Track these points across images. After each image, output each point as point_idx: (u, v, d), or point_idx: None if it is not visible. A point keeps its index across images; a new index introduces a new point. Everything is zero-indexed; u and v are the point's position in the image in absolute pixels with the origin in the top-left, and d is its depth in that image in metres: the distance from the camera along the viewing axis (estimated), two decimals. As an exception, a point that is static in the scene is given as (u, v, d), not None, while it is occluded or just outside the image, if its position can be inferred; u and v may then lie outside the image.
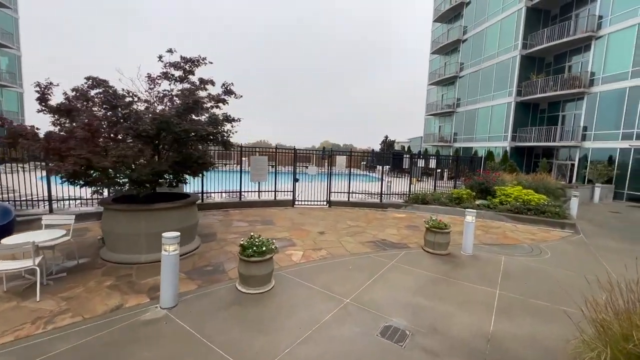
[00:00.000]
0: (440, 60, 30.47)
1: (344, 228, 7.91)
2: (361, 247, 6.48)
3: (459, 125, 26.81)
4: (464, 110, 26.07)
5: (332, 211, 9.99)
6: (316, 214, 9.41)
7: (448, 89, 29.16)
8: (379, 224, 8.50)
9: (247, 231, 7.22)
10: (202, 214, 8.60)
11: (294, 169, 10.37)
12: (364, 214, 9.81)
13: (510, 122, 20.84)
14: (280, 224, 8.01)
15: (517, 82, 20.38)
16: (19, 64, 25.85)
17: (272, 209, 9.79)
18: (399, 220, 9.16)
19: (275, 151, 10.03)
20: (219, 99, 6.24)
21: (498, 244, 7.26)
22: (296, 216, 9.04)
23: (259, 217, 8.64)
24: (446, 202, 10.46)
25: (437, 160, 11.30)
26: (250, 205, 9.80)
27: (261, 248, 4.28)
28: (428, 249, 6.37)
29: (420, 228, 8.24)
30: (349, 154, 10.51)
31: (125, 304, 3.87)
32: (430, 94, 32.34)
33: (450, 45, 27.98)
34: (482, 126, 23.69)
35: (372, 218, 9.25)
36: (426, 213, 10.18)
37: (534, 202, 9.61)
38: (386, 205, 10.62)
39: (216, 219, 8.30)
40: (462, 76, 26.34)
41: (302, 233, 7.28)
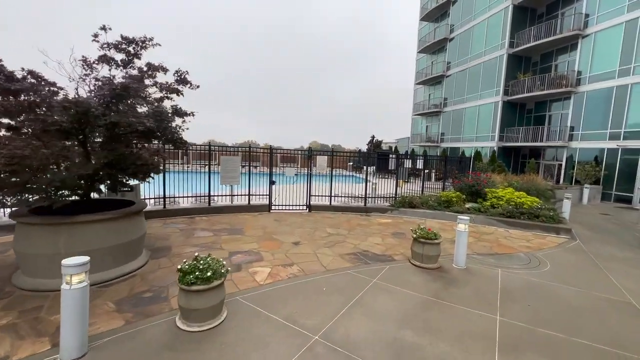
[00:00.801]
0: (427, 59, 30.11)
1: (323, 237, 7.04)
2: (340, 260, 5.62)
3: (446, 125, 26.43)
4: (451, 109, 25.71)
5: (311, 217, 9.10)
6: (293, 221, 8.51)
7: (435, 89, 28.80)
8: (361, 232, 7.67)
9: (210, 243, 6.25)
10: (161, 223, 7.56)
11: (269, 171, 9.43)
12: (347, 219, 8.97)
13: (497, 122, 20.51)
14: (250, 233, 7.06)
15: (504, 81, 20.07)
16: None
17: (245, 215, 8.83)
18: (384, 226, 8.37)
19: (249, 151, 9.08)
20: (171, 88, 5.26)
21: (492, 253, 6.54)
22: (270, 223, 8.11)
23: (227, 225, 7.67)
24: (435, 205, 9.74)
25: (425, 161, 10.62)
26: (220, 211, 8.80)
27: (206, 273, 3.35)
28: (416, 261, 5.58)
29: (407, 236, 7.45)
30: (330, 154, 9.67)
31: (13, 355, 2.86)
32: (417, 94, 31.96)
33: (437, 44, 27.62)
34: (469, 126, 23.34)
35: (354, 224, 8.42)
36: (414, 218, 9.43)
37: (526, 205, 9.00)
38: (371, 210, 9.83)
39: (177, 228, 7.27)
40: (449, 75, 25.98)
41: (273, 244, 6.37)
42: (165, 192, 8.17)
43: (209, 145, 8.55)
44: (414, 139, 31.61)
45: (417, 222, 8.92)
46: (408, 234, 7.64)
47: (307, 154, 9.59)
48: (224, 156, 8.82)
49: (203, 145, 8.42)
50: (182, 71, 5.21)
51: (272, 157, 9.38)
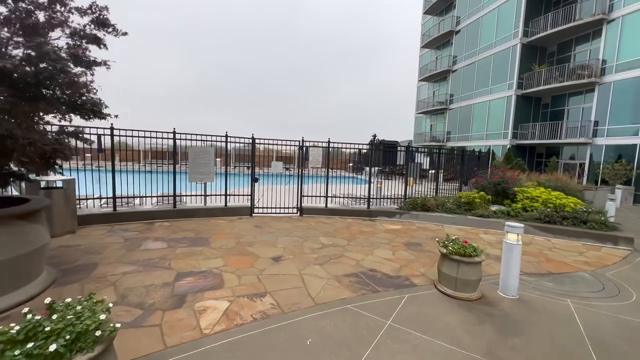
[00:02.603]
0: (431, 54, 28.56)
1: (314, 250, 5.30)
2: (336, 286, 3.88)
3: (452, 123, 24.77)
4: (458, 106, 24.06)
5: (302, 222, 7.36)
6: (279, 227, 6.77)
7: (440, 85, 27.20)
8: (365, 242, 5.93)
9: (156, 259, 4.51)
10: (105, 230, 5.82)
11: (252, 166, 7.71)
12: (346, 225, 7.23)
13: (510, 118, 18.84)
14: (218, 244, 5.32)
15: (518, 73, 18.43)
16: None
17: (219, 220, 7.08)
18: (393, 234, 6.62)
19: (225, 140, 7.37)
20: (84, 34, 3.55)
21: (544, 272, 4.80)
22: (249, 230, 6.37)
23: (191, 233, 5.92)
24: (453, 208, 8.00)
25: (438, 157, 8.91)
26: (188, 215, 7.06)
27: (46, 347, 1.61)
28: (446, 288, 3.84)
29: (426, 247, 5.71)
30: (326, 145, 7.96)
31: None
32: (420, 91, 30.36)
33: (442, 38, 26.08)
34: (479, 123, 21.68)
35: (356, 232, 6.68)
36: (428, 223, 7.69)
37: (569, 207, 7.27)
38: (375, 213, 8.08)
39: (123, 236, 5.53)
40: (456, 70, 24.38)
41: (245, 260, 4.63)
42: (115, 191, 6.43)
43: (173, 133, 6.83)
44: (417, 138, 29.94)
45: (432, 229, 7.19)
46: (426, 244, 5.90)
47: (298, 144, 7.88)
48: (194, 147, 7.09)
49: (164, 132, 6.72)
50: (98, 6, 3.50)
51: (255, 149, 7.66)
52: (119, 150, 7.84)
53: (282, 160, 11.49)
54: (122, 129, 6.32)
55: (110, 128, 6.18)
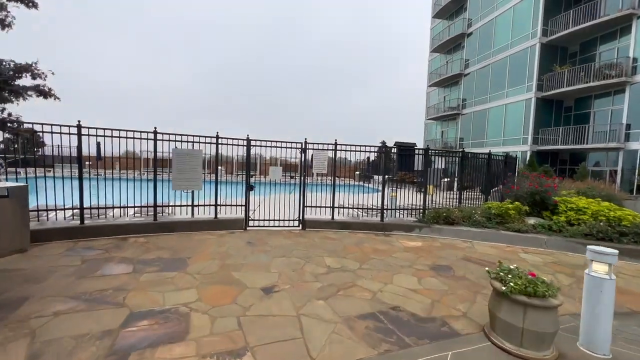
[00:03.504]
0: (441, 59, 27.58)
1: (318, 276, 4.17)
2: (347, 337, 2.74)
3: (465, 129, 23.55)
4: (471, 111, 22.88)
5: (304, 237, 6.24)
6: (276, 243, 5.66)
7: (451, 90, 26.10)
8: (381, 264, 4.78)
9: (110, 290, 3.44)
10: (66, 247, 4.80)
11: (246, 172, 6.67)
12: (357, 241, 6.08)
13: (530, 122, 17.57)
14: (196, 267, 4.24)
15: (538, 75, 17.25)
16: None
17: (206, 235, 6.01)
18: (414, 253, 5.45)
19: (216, 142, 6.36)
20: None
21: (626, 311, 3.58)
22: (240, 248, 5.28)
23: (167, 252, 4.86)
24: (482, 221, 6.80)
25: (461, 162, 7.72)
26: (171, 228, 6.01)
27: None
28: (505, 342, 2.67)
29: (456, 271, 4.54)
30: (332, 148, 6.87)
31: None
32: (430, 97, 29.29)
33: (452, 41, 25.11)
34: (495, 128, 20.43)
35: (369, 250, 5.52)
36: (455, 239, 6.50)
37: (626, 221, 6.01)
38: (390, 227, 6.92)
39: (83, 257, 4.49)
40: (468, 74, 23.30)
41: (226, 292, 3.53)
42: (82, 201, 5.42)
43: (154, 133, 5.84)
44: (428, 145, 28.71)
45: (460, 246, 6.00)
46: (458, 268, 4.71)
47: (300, 147, 6.83)
48: (179, 150, 6.08)
49: (142, 132, 5.72)
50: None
51: (250, 152, 6.63)
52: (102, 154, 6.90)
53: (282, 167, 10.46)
54: (93, 127, 5.36)
55: (77, 126, 5.23)
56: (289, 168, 10.80)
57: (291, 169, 9.78)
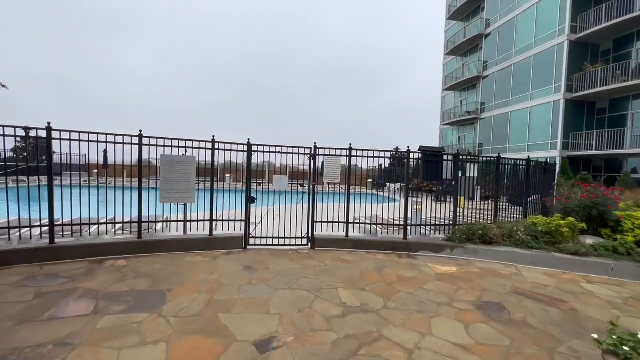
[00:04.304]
0: (457, 61, 26.48)
1: (331, 320, 3.17)
2: None
3: (485, 134, 22.23)
4: (490, 115, 21.60)
5: (314, 259, 5.25)
6: (280, 268, 4.69)
7: (468, 94, 24.90)
8: (412, 301, 3.73)
9: (52, 344, 2.54)
10: (24, 275, 3.96)
11: (247, 182, 5.77)
12: (376, 265, 5.05)
13: (559, 126, 16.21)
14: (175, 305, 3.31)
15: (566, 75, 15.95)
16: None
17: (198, 257, 5.10)
18: (450, 283, 4.38)
19: (212, 147, 5.51)
20: None
21: None
22: (235, 275, 4.33)
23: (146, 281, 3.95)
24: (527, 240, 5.66)
25: (497, 168, 6.58)
26: (158, 248, 5.14)
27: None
28: None
29: (513, 312, 3.46)
30: (346, 153, 5.89)
31: None
32: (446, 101, 28.11)
33: (469, 43, 24.02)
34: (518, 133, 19.08)
35: (393, 278, 4.48)
36: (494, 262, 5.38)
37: None
38: (415, 246, 5.85)
39: (38, 289, 3.63)
40: (487, 76, 22.10)
41: (206, 349, 2.57)
42: (52, 216, 4.60)
43: (139, 137, 5.02)
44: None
45: (504, 273, 4.91)
46: (513, 307, 3.62)
47: (309, 153, 5.90)
48: (167, 156, 5.24)
49: (125, 136, 4.91)
50: None
51: (251, 159, 5.73)
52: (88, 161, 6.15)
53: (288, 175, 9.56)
54: (65, 130, 4.56)
55: (46, 128, 4.45)
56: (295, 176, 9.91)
57: (299, 177, 8.82)
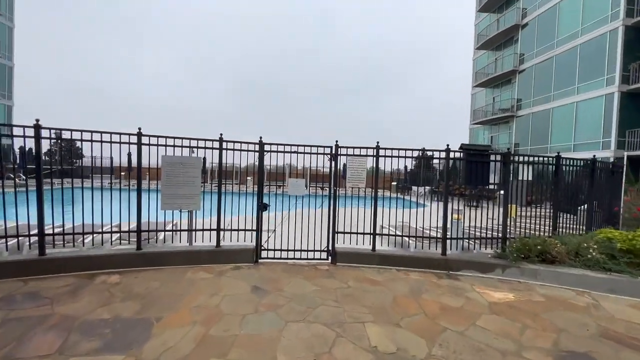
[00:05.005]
0: (489, 56, 24.71)
1: (357, 377, 2.34)
2: None
3: (522, 133, 20.42)
4: (528, 113, 19.78)
5: (335, 278, 4.43)
6: (294, 291, 3.91)
7: (502, 90, 23.09)
8: (463, 345, 2.81)
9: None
10: (4, 292, 3.43)
11: (259, 185, 5.06)
12: (411, 289, 4.14)
13: (613, 122, 14.35)
14: (159, 342, 2.61)
15: (622, 64, 14.10)
16: (10, 75, 23.78)
17: (203, 272, 4.43)
18: (510, 318, 3.40)
19: (220, 147, 4.86)
20: None
21: None
22: (240, 299, 3.60)
23: (135, 305, 3.31)
24: (602, 260, 4.52)
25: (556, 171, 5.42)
26: (158, 261, 4.54)
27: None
28: None
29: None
30: (372, 153, 5.01)
31: None
32: (476, 99, 26.34)
33: (503, 35, 22.26)
34: (562, 131, 17.23)
35: (434, 308, 3.57)
36: (560, 288, 4.31)
37: None
38: (456, 264, 4.87)
39: (9, 313, 3.09)
40: (524, 70, 20.31)
41: None
42: (42, 224, 4.09)
43: (138, 135, 4.45)
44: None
45: (578, 304, 3.87)
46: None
47: (330, 152, 5.10)
48: (169, 157, 4.64)
49: (122, 134, 4.35)
50: None
51: (263, 160, 5.02)
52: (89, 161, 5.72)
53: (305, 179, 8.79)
54: (55, 129, 4.06)
55: (34, 126, 3.96)
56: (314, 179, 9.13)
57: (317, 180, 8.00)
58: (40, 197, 4.07)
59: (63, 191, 4.25)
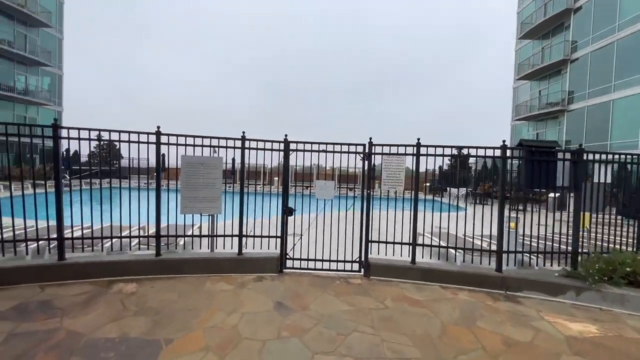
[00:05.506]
0: (534, 45, 22.60)
1: None
2: None
3: (574, 129, 18.34)
4: (582, 106, 17.72)
5: (369, 296, 3.85)
6: (323, 309, 3.39)
7: (550, 82, 20.98)
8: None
9: None
10: (15, 301, 3.26)
11: (284, 188, 4.61)
12: (462, 314, 3.45)
13: (693, 114, 12.29)
14: (164, 380, 2.21)
15: None
16: (60, 83, 25.68)
17: (223, 283, 4.05)
18: (596, 358, 2.63)
19: (242, 145, 4.47)
20: None
21: None
22: (261, 318, 3.15)
23: (146, 322, 2.97)
24: None
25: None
26: (177, 269, 4.24)
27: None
28: None
29: None
30: (412, 151, 4.36)
31: None
32: (519, 93, 24.25)
33: (551, 21, 20.20)
34: (625, 126, 15.17)
35: (496, 345, 2.87)
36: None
37: None
38: (515, 283, 4.08)
39: (16, 328, 2.87)
40: (577, 59, 18.23)
41: None
42: (62, 229, 3.93)
43: (156, 134, 4.18)
44: (515, 152, 23.60)
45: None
46: None
47: (362, 151, 4.52)
48: (189, 157, 4.32)
49: (141, 133, 4.09)
50: None
51: (288, 159, 4.56)
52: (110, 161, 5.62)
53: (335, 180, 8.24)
54: (72, 128, 3.87)
55: (52, 126, 3.79)
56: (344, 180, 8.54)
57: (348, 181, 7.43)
58: (60, 200, 3.91)
59: (82, 192, 4.08)
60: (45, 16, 23.04)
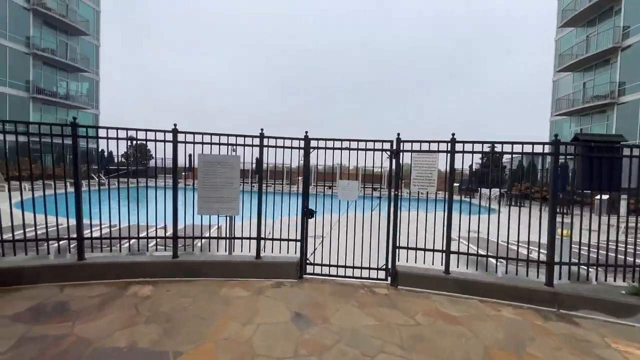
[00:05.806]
0: (577, 34, 20.78)
1: None
2: None
3: (625, 124, 16.59)
4: (636, 98, 15.98)
5: (397, 309, 3.46)
6: (344, 324, 3.06)
7: (596, 73, 19.17)
8: None
9: None
10: (33, 301, 3.24)
11: (304, 188, 4.32)
12: (507, 335, 2.98)
13: None
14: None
15: None
16: (97, 87, 27.22)
17: (239, 288, 3.83)
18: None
19: (260, 143, 4.24)
20: None
21: None
22: (278, 330, 2.88)
23: (157, 329, 2.79)
24: None
25: None
26: (194, 272, 4.09)
27: None
28: None
29: None
30: (445, 148, 3.90)
31: None
32: (560, 86, 22.43)
33: (597, 7, 18.44)
34: (689, 119, 13.45)
35: (554, 376, 2.39)
36: None
37: None
38: (569, 300, 3.51)
39: (28, 331, 2.79)
40: (629, 46, 16.48)
41: None
42: (81, 229, 3.89)
43: (173, 132, 4.04)
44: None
45: None
46: None
47: (389, 148, 4.13)
48: (206, 156, 4.15)
49: (157, 131, 3.97)
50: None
51: (308, 157, 4.26)
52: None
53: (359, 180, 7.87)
54: (89, 126, 3.82)
55: (71, 125, 3.76)
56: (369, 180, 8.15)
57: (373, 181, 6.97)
58: (79, 200, 3.87)
59: (100, 192, 4.03)
60: (84, 25, 24.50)
